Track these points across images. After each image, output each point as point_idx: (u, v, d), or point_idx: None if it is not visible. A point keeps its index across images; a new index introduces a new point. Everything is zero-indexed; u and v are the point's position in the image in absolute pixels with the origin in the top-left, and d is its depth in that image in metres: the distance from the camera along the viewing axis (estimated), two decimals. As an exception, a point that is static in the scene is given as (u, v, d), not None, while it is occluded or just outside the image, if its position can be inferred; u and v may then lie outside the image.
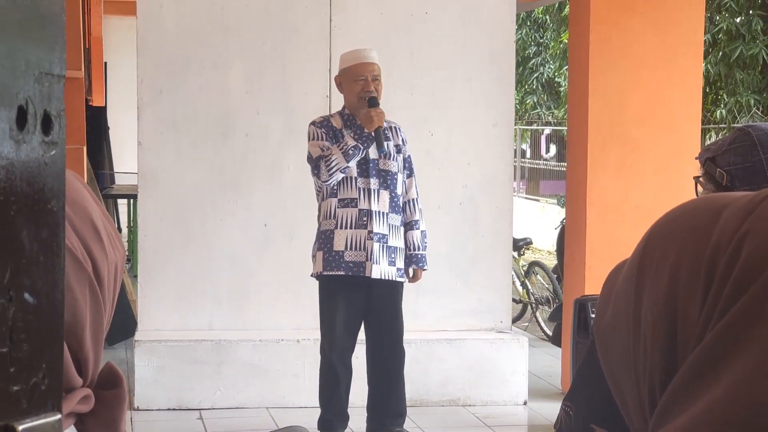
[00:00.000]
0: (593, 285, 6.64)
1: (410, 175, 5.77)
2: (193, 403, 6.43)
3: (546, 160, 24.59)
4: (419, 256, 5.72)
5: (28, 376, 0.85)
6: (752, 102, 15.40)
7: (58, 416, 0.87)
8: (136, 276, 6.90)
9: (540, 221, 17.48)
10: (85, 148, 7.29)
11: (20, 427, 0.81)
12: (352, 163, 5.50)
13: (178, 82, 6.76)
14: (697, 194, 2.22)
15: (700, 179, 2.17)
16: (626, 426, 1.01)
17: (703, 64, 11.13)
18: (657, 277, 0.88)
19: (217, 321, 6.78)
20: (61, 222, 0.90)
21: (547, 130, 25.49)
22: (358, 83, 5.60)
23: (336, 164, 5.46)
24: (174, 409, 6.47)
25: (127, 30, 12.53)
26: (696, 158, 2.11)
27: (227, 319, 6.78)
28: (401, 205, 5.69)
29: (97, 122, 12.69)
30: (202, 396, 6.48)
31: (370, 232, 5.54)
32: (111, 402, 1.26)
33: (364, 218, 5.55)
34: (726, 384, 0.79)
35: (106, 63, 14.75)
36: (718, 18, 15.00)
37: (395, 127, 5.75)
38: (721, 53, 15.32)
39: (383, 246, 5.56)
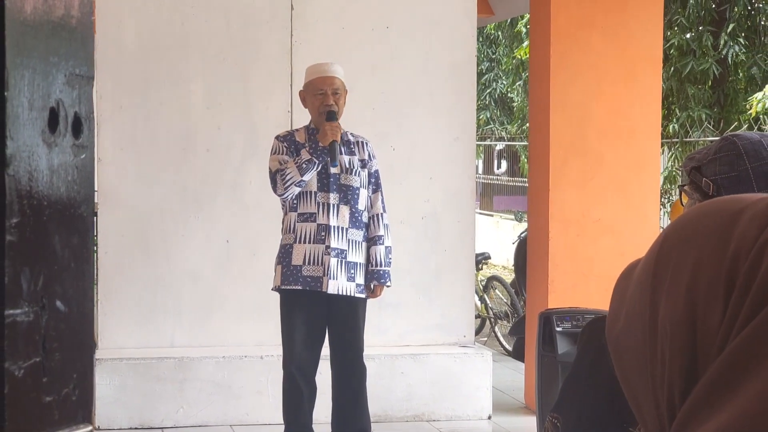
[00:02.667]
0: (556, 298, 6.66)
1: (376, 189, 5.75)
2: (155, 422, 6.35)
3: (498, 177, 24.72)
4: (381, 272, 5.68)
5: (60, 387, 0.83)
6: (704, 117, 15.58)
7: (89, 428, 0.84)
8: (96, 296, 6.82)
9: (495, 236, 17.54)
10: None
11: (53, 439, 0.79)
12: (307, 177, 5.48)
13: (138, 98, 6.71)
14: (682, 204, 2.22)
15: (686, 188, 2.17)
16: None
17: (658, 79, 11.22)
18: (674, 283, 0.86)
19: (179, 338, 6.72)
20: (90, 228, 0.88)
21: (500, 146, 25.63)
22: (318, 97, 5.60)
23: (290, 178, 5.44)
24: (136, 428, 6.39)
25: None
26: (681, 167, 2.11)
27: (189, 336, 6.72)
28: (365, 220, 5.67)
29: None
30: (165, 414, 6.41)
31: (328, 247, 5.52)
32: None
33: (323, 233, 5.53)
34: (751, 395, 0.78)
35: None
36: (669, 33, 15.17)
37: (362, 142, 5.74)
38: (672, 68, 15.48)
39: (341, 261, 5.54)
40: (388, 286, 5.75)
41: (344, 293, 5.54)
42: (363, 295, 5.65)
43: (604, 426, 2.05)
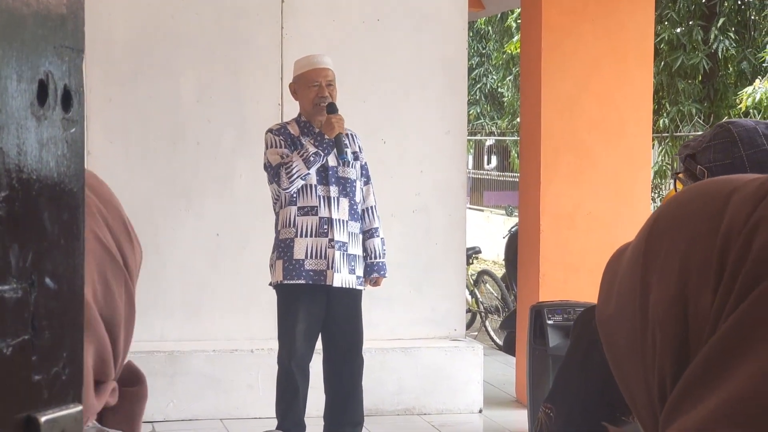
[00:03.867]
0: (547, 292, 6.66)
1: (367, 182, 5.75)
2: (146, 416, 6.30)
3: (488, 172, 24.73)
4: (380, 263, 5.70)
5: (49, 366, 0.81)
6: (694, 111, 15.61)
7: (80, 408, 0.83)
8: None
9: (485, 231, 17.54)
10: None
11: (42, 419, 0.77)
12: (313, 170, 5.46)
13: (127, 91, 6.68)
14: (676, 191, 2.21)
15: (680, 176, 2.16)
16: (610, 423, 0.99)
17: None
18: (665, 265, 0.86)
19: (170, 332, 6.69)
20: (81, 204, 0.86)
21: (490, 141, 25.63)
22: (312, 89, 5.57)
23: (297, 171, 5.41)
24: (126, 423, 6.36)
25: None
26: (676, 155, 2.11)
27: (180, 330, 6.70)
28: (360, 212, 5.67)
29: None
30: (155, 408, 6.39)
31: (331, 240, 5.50)
32: (132, 398, 1.28)
33: (325, 226, 5.50)
34: (743, 378, 0.78)
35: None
36: (659, 28, 15.18)
37: (351, 134, 5.73)
38: (663, 63, 15.50)
39: (344, 254, 5.53)
40: (385, 278, 5.75)
41: (347, 286, 5.54)
42: (363, 287, 5.66)
43: (597, 416, 2.04)
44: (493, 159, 26.28)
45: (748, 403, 0.77)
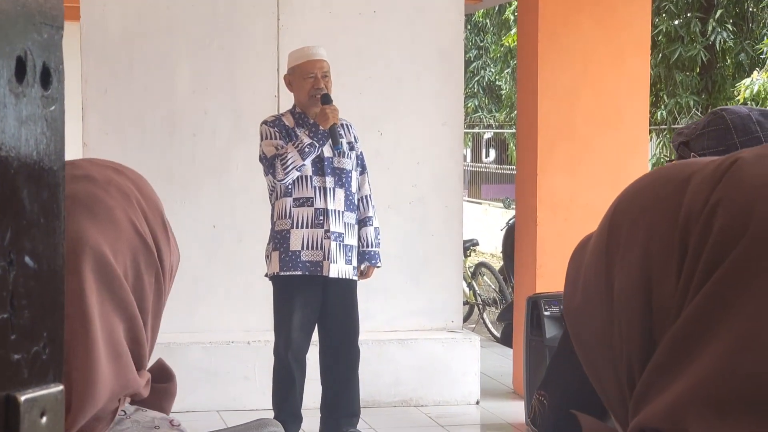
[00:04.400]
0: (544, 283, 6.65)
1: (363, 172, 5.75)
2: (142, 408, 6.33)
3: (486, 165, 24.72)
4: (373, 252, 5.69)
5: (29, 345, 0.80)
6: (692, 103, 15.60)
7: (61, 387, 0.82)
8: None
9: (483, 224, 17.54)
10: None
11: (22, 398, 0.77)
12: (308, 161, 5.46)
13: (123, 82, 6.67)
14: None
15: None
16: (602, 411, 0.99)
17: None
18: (627, 252, 0.85)
19: (166, 323, 6.62)
20: (61, 183, 0.86)
21: (488, 134, 25.62)
22: (308, 81, 5.57)
23: (292, 162, 5.41)
24: (123, 414, 6.36)
25: (71, 36, 12.38)
26: (670, 143, 2.09)
27: (176, 322, 6.69)
28: (356, 202, 5.67)
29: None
30: (152, 400, 6.38)
31: (327, 231, 5.49)
32: (163, 394, 1.33)
33: (321, 217, 5.50)
34: (708, 360, 0.78)
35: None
36: (657, 20, 15.17)
37: (347, 125, 5.73)
38: (660, 55, 15.49)
39: (340, 245, 5.53)
40: (378, 267, 5.75)
41: (344, 276, 5.54)
42: (353, 277, 5.65)
43: (589, 403, 2.05)
44: (491, 152, 26.28)
45: (713, 385, 0.77)
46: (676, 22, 15.76)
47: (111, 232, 1.24)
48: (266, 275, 5.64)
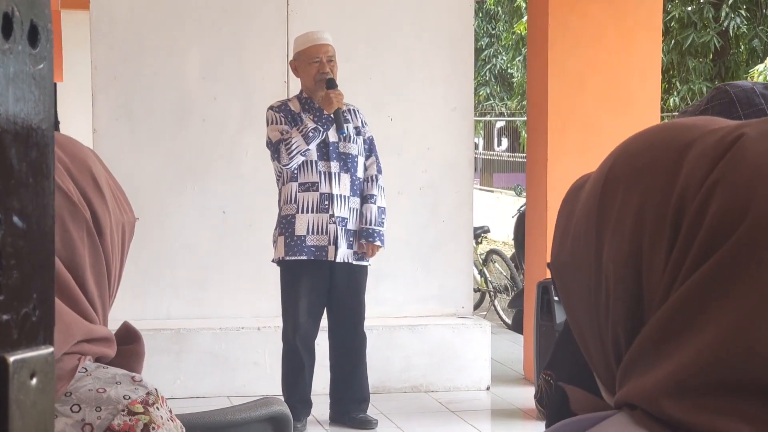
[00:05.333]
0: (555, 268, 6.63)
1: (370, 155, 5.74)
2: (152, 393, 6.34)
3: (499, 153, 24.69)
4: (371, 230, 5.62)
5: (18, 306, 0.79)
6: (704, 90, 15.54)
7: (51, 349, 0.81)
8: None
9: (495, 211, 17.52)
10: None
11: (11, 359, 0.76)
12: (312, 146, 5.46)
13: (132, 68, 6.66)
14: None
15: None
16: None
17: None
18: (620, 217, 0.83)
19: (176, 309, 6.70)
20: (50, 143, 0.85)
21: (500, 123, 25.58)
22: (313, 65, 5.57)
23: (296, 147, 5.41)
24: (133, 400, 6.37)
25: (82, 25, 12.36)
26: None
27: (186, 308, 6.70)
28: (362, 187, 5.66)
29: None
30: (162, 385, 6.32)
31: (332, 215, 5.49)
32: (130, 355, 1.35)
33: (326, 202, 5.50)
34: (693, 349, 0.77)
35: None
36: (670, 6, 15.11)
37: (354, 110, 5.72)
38: (673, 41, 15.43)
39: (343, 229, 5.53)
40: (380, 246, 5.67)
41: (346, 260, 5.54)
42: (366, 263, 5.64)
43: (594, 381, 2.04)
44: (504, 141, 26.23)
45: (693, 375, 0.76)
46: (689, 8, 15.69)
47: None
48: (273, 260, 5.65)
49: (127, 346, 1.35)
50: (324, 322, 5.77)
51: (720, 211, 0.78)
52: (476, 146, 24.76)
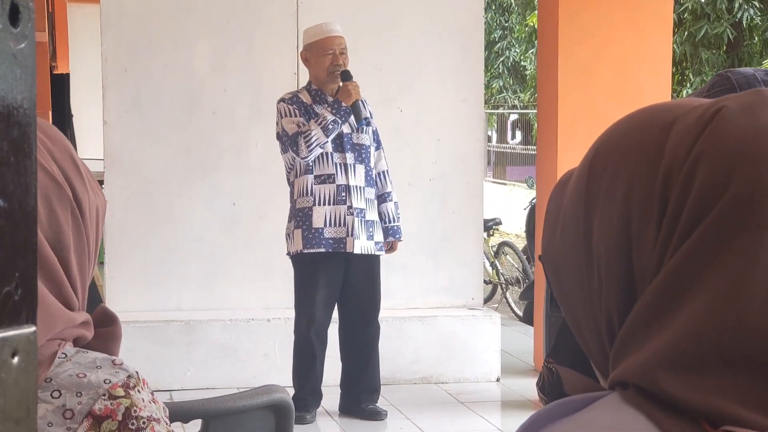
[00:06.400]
0: (565, 260, 6.62)
1: (378, 147, 5.75)
2: (162, 385, 6.35)
3: (512, 146, 24.64)
4: (395, 227, 5.71)
5: (0, 285, 0.79)
6: (717, 82, 15.47)
7: (33, 328, 0.81)
8: (102, 263, 6.80)
9: (507, 204, 17.50)
10: (51, 114, 7.17)
11: (-7, 337, 0.76)
12: (331, 138, 5.46)
13: (142, 61, 6.67)
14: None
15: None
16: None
17: (670, 43, 11.11)
18: (608, 200, 0.84)
19: (186, 301, 6.71)
20: (32, 122, 0.85)
21: (514, 116, 25.54)
22: (326, 57, 5.56)
23: (316, 140, 5.41)
24: (144, 391, 6.38)
25: (90, 17, 12.37)
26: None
27: (196, 299, 6.71)
28: (374, 178, 5.67)
29: (60, 98, 12.42)
30: (172, 377, 6.42)
31: (350, 207, 5.49)
32: (107, 337, 1.34)
33: (343, 193, 5.50)
34: (683, 321, 0.77)
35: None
36: (683, -2, 15.06)
37: (362, 100, 5.72)
38: (686, 33, 15.37)
39: (362, 220, 5.53)
40: (401, 241, 5.77)
41: (367, 252, 5.55)
42: (382, 252, 5.66)
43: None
44: (518, 134, 26.18)
45: (690, 342, 0.76)
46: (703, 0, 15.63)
47: None
48: (288, 254, 5.64)
49: (105, 329, 1.36)
50: (334, 313, 5.78)
51: (704, 183, 0.78)
52: (489, 139, 24.74)
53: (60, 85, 12.53)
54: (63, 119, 12.29)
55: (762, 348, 0.75)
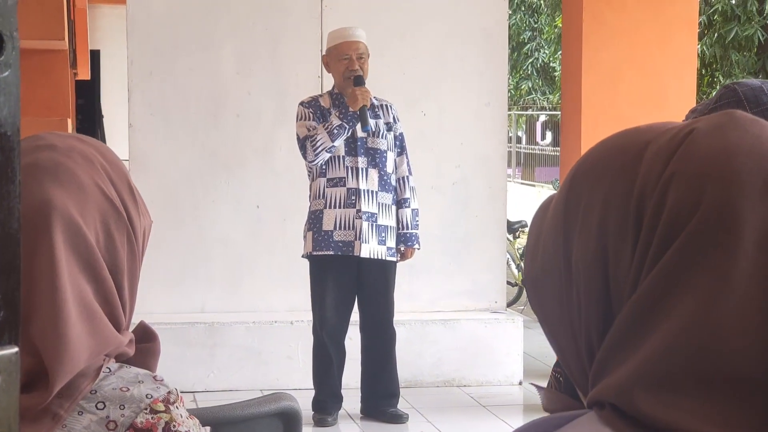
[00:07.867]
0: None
1: (401, 153, 5.74)
2: (186, 386, 6.39)
3: (541, 147, 24.55)
4: (408, 234, 5.69)
5: (-17, 307, 0.81)
6: (747, 84, 15.36)
7: (15, 349, 0.83)
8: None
9: (535, 205, 17.44)
10: (70, 121, 7.20)
11: (-25, 358, 0.78)
12: (338, 143, 5.47)
13: (168, 64, 6.71)
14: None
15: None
16: None
17: (699, 46, 11.08)
18: (584, 224, 0.85)
19: (210, 303, 6.74)
20: (16, 147, 0.87)
21: (543, 117, 25.46)
22: (343, 62, 5.59)
23: (321, 144, 5.44)
24: (167, 392, 6.42)
25: (117, 19, 12.43)
26: (685, 119, 2.07)
27: (220, 302, 6.75)
28: (393, 183, 5.66)
29: (90, 102, 12.52)
30: (196, 379, 6.45)
31: (359, 210, 5.51)
32: (147, 354, 1.41)
33: (353, 197, 5.52)
34: (662, 335, 0.78)
35: (99, 51, 14.57)
36: None
37: (386, 105, 5.73)
38: (716, 35, 15.27)
39: (372, 225, 5.53)
40: (417, 249, 5.74)
41: (376, 257, 5.55)
42: (394, 258, 5.65)
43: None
44: (548, 135, 26.09)
45: (664, 362, 0.77)
46: (733, 1, 15.52)
47: (77, 195, 1.28)
48: (302, 255, 5.69)
49: (144, 345, 1.42)
50: (355, 316, 5.79)
51: (676, 203, 0.80)
52: (519, 140, 24.67)
53: (90, 90, 12.63)
54: (93, 124, 12.37)
55: (735, 366, 0.76)
